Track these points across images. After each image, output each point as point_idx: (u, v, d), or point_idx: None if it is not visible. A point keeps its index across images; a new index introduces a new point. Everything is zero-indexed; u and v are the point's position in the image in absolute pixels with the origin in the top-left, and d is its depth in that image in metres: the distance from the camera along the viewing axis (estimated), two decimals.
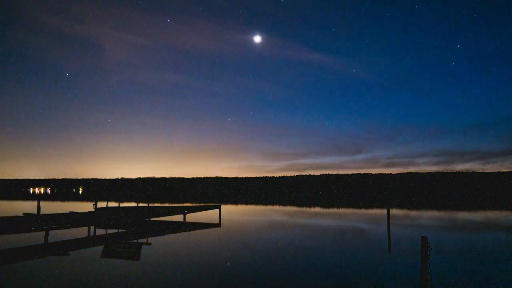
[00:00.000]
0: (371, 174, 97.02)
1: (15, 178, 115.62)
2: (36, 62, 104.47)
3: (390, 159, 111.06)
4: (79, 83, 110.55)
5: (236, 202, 38.09)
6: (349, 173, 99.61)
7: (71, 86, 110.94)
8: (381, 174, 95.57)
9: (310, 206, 30.25)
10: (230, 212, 24.10)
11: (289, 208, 28.04)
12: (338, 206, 30.01)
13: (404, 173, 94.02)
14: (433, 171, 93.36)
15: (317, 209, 26.75)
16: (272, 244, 10.82)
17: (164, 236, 12.60)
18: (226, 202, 36.79)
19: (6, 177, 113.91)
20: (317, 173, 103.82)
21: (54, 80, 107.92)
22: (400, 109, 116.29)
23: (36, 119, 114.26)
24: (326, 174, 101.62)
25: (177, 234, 13.25)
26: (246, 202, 38.14)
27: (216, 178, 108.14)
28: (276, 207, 29.21)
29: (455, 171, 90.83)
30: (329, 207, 28.83)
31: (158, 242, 11.16)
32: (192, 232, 13.60)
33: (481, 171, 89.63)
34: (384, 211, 24.52)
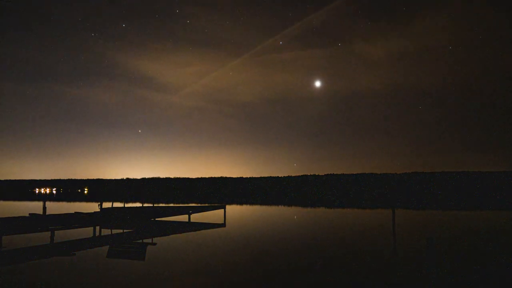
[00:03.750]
0: (376, 174, 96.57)
1: (21, 178, 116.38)
2: (40, 62, 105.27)
3: None
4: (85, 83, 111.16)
5: (240, 202, 38.10)
6: (354, 172, 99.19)
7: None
8: (385, 173, 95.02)
9: (314, 206, 30.18)
10: (235, 212, 24.11)
11: (294, 208, 28.00)
12: (342, 206, 29.91)
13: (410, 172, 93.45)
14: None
15: (322, 209, 26.68)
16: (277, 243, 10.80)
17: (169, 236, 12.63)
18: (231, 202, 36.80)
19: (12, 178, 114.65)
20: (322, 173, 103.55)
21: (58, 79, 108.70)
22: None
23: (41, 119, 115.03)
24: (331, 174, 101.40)
25: (182, 234, 13.27)
26: (251, 202, 38.14)
27: (221, 178, 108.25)
28: (281, 207, 29.18)
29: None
30: (333, 207, 28.74)
31: (163, 242, 11.19)
32: (197, 232, 13.61)
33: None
34: (388, 211, 24.39)
